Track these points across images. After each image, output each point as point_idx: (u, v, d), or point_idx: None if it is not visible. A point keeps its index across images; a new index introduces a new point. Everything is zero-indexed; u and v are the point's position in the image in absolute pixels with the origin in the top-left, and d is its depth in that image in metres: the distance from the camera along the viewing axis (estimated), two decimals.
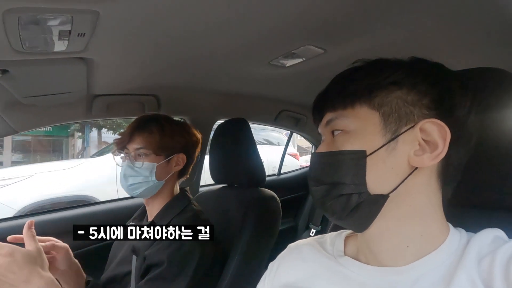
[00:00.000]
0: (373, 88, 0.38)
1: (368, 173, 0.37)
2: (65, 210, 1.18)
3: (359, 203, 0.37)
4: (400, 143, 0.37)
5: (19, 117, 0.88)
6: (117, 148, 0.83)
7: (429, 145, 0.36)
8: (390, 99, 0.38)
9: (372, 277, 0.39)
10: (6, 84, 0.67)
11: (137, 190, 0.81)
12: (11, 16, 0.41)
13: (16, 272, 0.58)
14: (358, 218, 0.38)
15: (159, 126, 0.83)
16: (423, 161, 0.36)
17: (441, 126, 0.36)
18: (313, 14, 0.57)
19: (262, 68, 0.88)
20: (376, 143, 0.37)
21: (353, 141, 0.38)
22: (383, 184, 0.37)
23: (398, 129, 0.37)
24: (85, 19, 0.46)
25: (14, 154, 9.83)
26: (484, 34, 0.65)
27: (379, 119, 0.38)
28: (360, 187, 0.37)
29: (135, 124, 0.83)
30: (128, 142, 0.81)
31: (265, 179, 1.07)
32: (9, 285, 0.58)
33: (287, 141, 2.23)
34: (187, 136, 0.88)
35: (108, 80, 0.86)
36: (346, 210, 0.38)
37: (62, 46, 0.54)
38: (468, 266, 0.34)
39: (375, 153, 0.37)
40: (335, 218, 0.40)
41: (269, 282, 0.50)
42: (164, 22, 0.54)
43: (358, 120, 0.39)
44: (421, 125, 0.36)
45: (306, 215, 1.90)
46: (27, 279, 0.59)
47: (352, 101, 0.39)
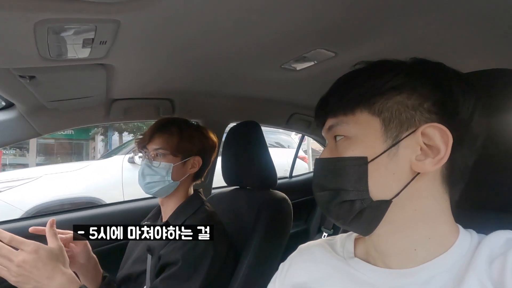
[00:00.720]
0: (372, 94, 0.38)
1: (370, 179, 0.37)
2: (80, 210, 1.23)
3: (362, 209, 0.37)
4: (402, 148, 0.37)
5: (43, 121, 0.93)
6: (138, 147, 0.88)
7: (432, 150, 0.36)
8: (390, 104, 0.37)
9: (382, 279, 0.39)
10: (32, 89, 0.72)
11: (153, 188, 0.84)
12: (41, 27, 0.44)
13: (40, 269, 0.61)
14: (363, 223, 0.38)
15: (178, 129, 0.87)
16: (425, 166, 0.36)
17: (443, 130, 0.35)
18: (324, 18, 0.57)
19: (274, 71, 0.89)
20: (377, 149, 0.37)
21: (354, 148, 0.38)
22: (385, 190, 0.37)
23: (399, 134, 0.37)
24: (107, 27, 0.49)
25: (38, 156, 10.26)
26: (498, 35, 0.64)
27: (380, 125, 0.37)
28: (363, 193, 0.37)
29: (156, 126, 0.87)
30: (148, 142, 0.85)
31: (276, 181, 1.08)
32: (34, 281, 0.61)
33: (298, 144, 2.22)
34: (204, 140, 0.92)
35: (126, 85, 0.89)
36: (350, 216, 0.38)
37: (85, 53, 0.58)
38: (478, 268, 0.33)
39: (377, 159, 0.37)
40: (340, 223, 0.41)
41: (280, 282, 0.51)
42: (180, 29, 0.56)
43: (359, 126, 0.39)
44: (422, 130, 0.36)
45: (318, 218, 1.88)
46: (51, 275, 0.62)
47: (352, 107, 0.39)
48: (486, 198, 0.42)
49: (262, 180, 1.05)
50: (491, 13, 0.56)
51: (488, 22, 0.59)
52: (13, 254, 0.61)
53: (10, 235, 0.63)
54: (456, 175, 0.38)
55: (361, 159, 0.37)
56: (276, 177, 1.08)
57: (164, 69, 0.82)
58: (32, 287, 0.61)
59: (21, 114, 0.88)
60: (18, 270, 0.60)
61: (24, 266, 0.60)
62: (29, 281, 0.61)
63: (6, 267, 0.61)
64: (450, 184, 0.38)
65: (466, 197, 0.39)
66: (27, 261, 0.61)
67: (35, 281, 0.61)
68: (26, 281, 0.61)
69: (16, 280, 0.61)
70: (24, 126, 0.90)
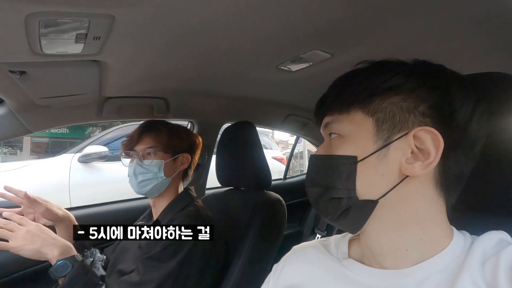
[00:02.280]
0: (368, 93, 0.38)
1: (358, 178, 0.37)
2: (77, 209, 1.20)
3: (349, 207, 0.38)
4: (392, 150, 0.36)
5: (34, 118, 0.91)
6: (125, 149, 0.88)
7: (423, 153, 0.36)
8: (385, 105, 0.37)
9: (376, 280, 0.39)
10: (23, 85, 0.70)
11: (146, 187, 0.85)
12: (32, 19, 0.43)
13: (46, 234, 0.74)
14: (349, 220, 0.39)
15: (166, 127, 0.90)
16: (414, 170, 0.36)
17: (435, 134, 0.35)
18: (321, 19, 0.57)
19: (270, 72, 0.89)
20: (367, 149, 0.37)
21: (345, 146, 0.39)
22: (372, 190, 0.37)
23: (391, 136, 0.37)
24: (101, 23, 0.48)
25: (31, 155, 10.05)
26: (496, 39, 0.64)
27: (373, 125, 0.38)
28: (350, 191, 0.37)
29: (143, 127, 0.90)
30: (136, 144, 0.87)
31: (271, 182, 1.07)
32: (41, 240, 0.72)
33: (293, 146, 2.23)
34: (191, 138, 0.95)
35: (120, 82, 0.88)
36: (337, 213, 0.39)
37: (78, 49, 0.57)
38: (471, 269, 0.33)
39: (366, 160, 0.37)
40: (328, 219, 0.41)
41: (273, 283, 0.50)
42: (175, 26, 0.56)
43: (352, 125, 0.39)
44: (414, 133, 0.36)
45: (311, 220, 1.89)
46: (55, 238, 0.75)
47: (347, 105, 0.39)
48: (483, 201, 0.42)
49: (256, 181, 1.04)
50: (486, 17, 0.56)
51: (484, 26, 0.59)
52: (23, 220, 0.74)
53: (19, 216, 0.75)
54: (450, 180, 0.37)
55: (351, 158, 0.38)
56: (271, 178, 1.08)
57: (158, 67, 0.81)
58: (39, 245, 0.71)
59: (11, 111, 0.86)
60: (25, 234, 0.71)
61: (32, 231, 0.72)
62: (36, 240, 0.71)
63: (12, 235, 0.70)
64: (445, 189, 0.38)
65: (462, 199, 0.39)
66: (34, 228, 0.73)
67: (43, 240, 0.72)
68: (33, 241, 0.71)
69: (21, 244, 0.70)
70: (14, 123, 0.88)
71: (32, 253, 0.70)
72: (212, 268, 0.83)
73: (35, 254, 0.71)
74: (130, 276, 0.77)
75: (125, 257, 0.87)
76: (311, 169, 0.43)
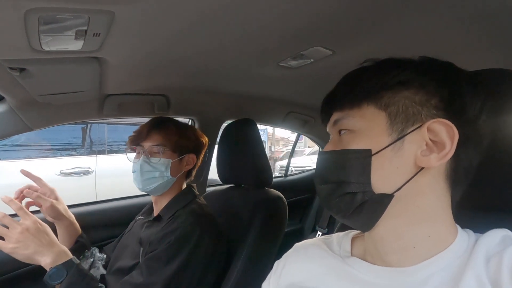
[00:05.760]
0: (380, 88, 0.38)
1: (373, 172, 0.37)
2: (74, 207, 1.20)
3: (364, 201, 0.37)
4: (407, 143, 0.37)
5: (34, 115, 0.91)
6: (131, 144, 0.88)
7: (437, 145, 0.36)
8: (397, 99, 0.38)
9: (380, 277, 0.39)
10: (23, 82, 0.70)
11: (152, 185, 0.85)
12: (32, 15, 0.43)
13: (42, 236, 0.70)
14: (363, 216, 0.38)
15: (176, 126, 0.89)
16: (430, 161, 0.36)
17: (449, 126, 0.35)
18: (322, 16, 0.57)
19: (271, 69, 0.88)
20: (381, 142, 0.37)
21: (358, 141, 0.38)
22: (388, 184, 0.37)
23: (405, 129, 0.37)
24: (101, 19, 0.48)
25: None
26: (499, 35, 0.64)
27: (386, 119, 0.38)
28: (365, 186, 0.37)
29: (152, 123, 0.89)
30: (144, 140, 0.86)
31: (272, 179, 1.07)
32: (35, 245, 0.68)
33: (294, 143, 2.23)
34: (198, 138, 0.95)
35: (120, 79, 0.88)
36: (351, 209, 0.38)
37: (78, 46, 0.56)
38: (476, 267, 0.33)
39: (381, 153, 0.37)
40: (340, 216, 0.41)
41: (275, 281, 0.50)
42: (176, 23, 0.55)
43: (364, 120, 0.39)
44: (428, 125, 0.36)
45: (312, 217, 1.89)
46: (50, 243, 0.71)
47: (359, 101, 0.39)
48: (488, 198, 0.42)
49: (257, 179, 1.04)
50: (491, 12, 0.56)
51: (487, 22, 0.59)
52: (16, 222, 0.68)
53: (19, 204, 0.71)
54: (460, 174, 0.38)
55: (365, 151, 0.37)
56: (272, 176, 1.08)
57: (159, 64, 0.81)
58: (32, 252, 0.67)
59: (11, 108, 0.85)
60: (19, 236, 0.67)
61: (27, 233, 0.67)
62: (30, 245, 0.67)
63: (6, 234, 0.67)
64: (453, 183, 0.38)
65: (467, 197, 0.39)
66: (31, 229, 0.68)
67: (36, 245, 0.68)
68: (26, 246, 0.67)
69: (14, 247, 0.66)
70: (15, 121, 0.88)
71: (24, 258, 0.68)
72: (215, 266, 0.83)
73: (27, 259, 0.68)
74: (133, 276, 0.76)
75: (124, 254, 0.87)
76: (321, 165, 0.42)
